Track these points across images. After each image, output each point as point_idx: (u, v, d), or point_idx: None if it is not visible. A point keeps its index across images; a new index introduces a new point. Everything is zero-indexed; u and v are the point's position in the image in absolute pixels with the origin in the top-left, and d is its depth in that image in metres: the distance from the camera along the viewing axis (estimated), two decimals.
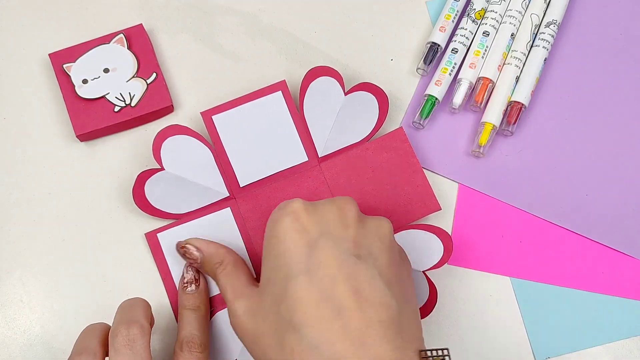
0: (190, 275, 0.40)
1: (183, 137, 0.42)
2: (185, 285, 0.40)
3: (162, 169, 0.42)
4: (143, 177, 0.41)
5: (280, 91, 0.44)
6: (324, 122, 0.43)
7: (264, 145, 0.43)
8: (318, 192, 0.43)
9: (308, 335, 0.29)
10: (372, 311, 0.30)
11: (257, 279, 0.38)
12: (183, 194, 0.42)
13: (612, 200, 0.45)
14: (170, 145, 0.42)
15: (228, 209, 0.42)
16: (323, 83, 0.44)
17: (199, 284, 0.40)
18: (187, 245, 0.40)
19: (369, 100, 0.44)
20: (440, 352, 0.30)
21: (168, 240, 0.42)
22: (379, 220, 0.34)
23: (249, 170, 0.43)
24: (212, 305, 0.41)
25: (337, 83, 0.44)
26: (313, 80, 0.44)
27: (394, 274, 0.32)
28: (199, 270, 0.40)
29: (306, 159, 0.43)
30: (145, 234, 0.42)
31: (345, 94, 0.44)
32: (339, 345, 0.29)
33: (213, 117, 0.43)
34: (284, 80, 0.44)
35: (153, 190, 0.42)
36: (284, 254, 0.32)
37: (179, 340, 0.37)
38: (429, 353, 0.30)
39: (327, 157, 0.44)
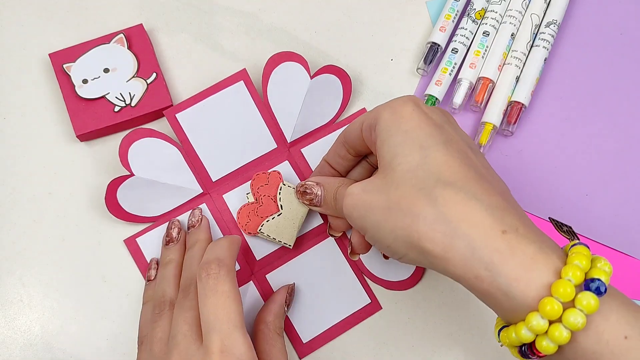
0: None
1: (149, 139, 0.42)
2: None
3: (132, 174, 0.41)
4: (114, 186, 0.41)
5: (242, 81, 0.43)
6: (291, 108, 0.43)
7: (231, 137, 0.43)
8: (289, 176, 0.43)
9: (464, 188, 0.31)
10: (500, 183, 0.33)
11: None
12: (157, 197, 0.42)
13: (612, 200, 0.45)
14: (137, 149, 0.42)
15: (204, 205, 0.43)
16: (287, 69, 0.44)
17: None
18: (307, 182, 0.40)
19: (333, 83, 0.44)
20: (566, 225, 0.34)
21: (148, 244, 0.42)
22: (466, 133, 0.38)
23: (220, 164, 0.43)
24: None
25: (302, 68, 0.44)
26: (276, 66, 0.43)
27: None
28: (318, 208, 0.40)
29: (275, 145, 0.44)
30: (124, 240, 0.42)
31: (311, 78, 0.44)
32: (494, 198, 0.31)
33: (177, 115, 0.43)
34: (244, 69, 0.44)
35: (126, 197, 0.41)
36: (416, 129, 0.33)
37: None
38: (558, 222, 0.35)
39: (295, 142, 0.44)
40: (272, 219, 0.41)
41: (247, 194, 0.42)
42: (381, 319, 0.42)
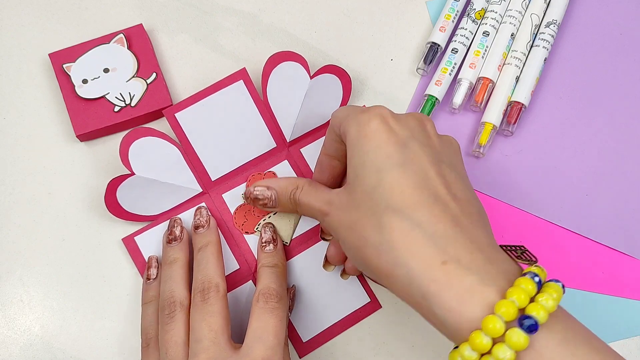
0: (268, 235, 0.41)
1: (149, 139, 0.42)
2: (264, 244, 0.41)
3: (133, 174, 0.41)
4: (114, 185, 0.41)
5: (241, 80, 0.43)
6: (290, 107, 0.43)
7: (231, 136, 0.43)
8: (288, 175, 0.43)
9: (410, 215, 0.31)
10: (462, 203, 0.32)
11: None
12: (156, 196, 0.42)
13: (612, 200, 0.45)
14: (137, 148, 0.41)
15: (203, 204, 0.43)
16: (286, 68, 0.43)
17: (276, 244, 0.41)
18: (256, 188, 0.40)
19: (333, 83, 0.44)
20: (519, 248, 0.33)
21: (146, 242, 0.42)
22: (450, 137, 0.37)
23: (219, 163, 0.43)
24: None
25: (302, 67, 0.44)
26: (275, 66, 0.43)
27: (468, 181, 0.35)
28: (276, 208, 0.41)
29: (274, 145, 0.44)
30: (122, 239, 0.42)
31: (311, 77, 0.44)
32: (441, 225, 0.31)
33: (176, 114, 0.42)
34: (244, 68, 0.44)
35: (125, 197, 0.41)
36: (375, 150, 0.33)
37: (256, 292, 0.38)
38: (508, 248, 0.33)
39: (295, 142, 0.44)
40: (269, 217, 0.42)
41: (242, 194, 0.42)
42: (381, 317, 0.42)
